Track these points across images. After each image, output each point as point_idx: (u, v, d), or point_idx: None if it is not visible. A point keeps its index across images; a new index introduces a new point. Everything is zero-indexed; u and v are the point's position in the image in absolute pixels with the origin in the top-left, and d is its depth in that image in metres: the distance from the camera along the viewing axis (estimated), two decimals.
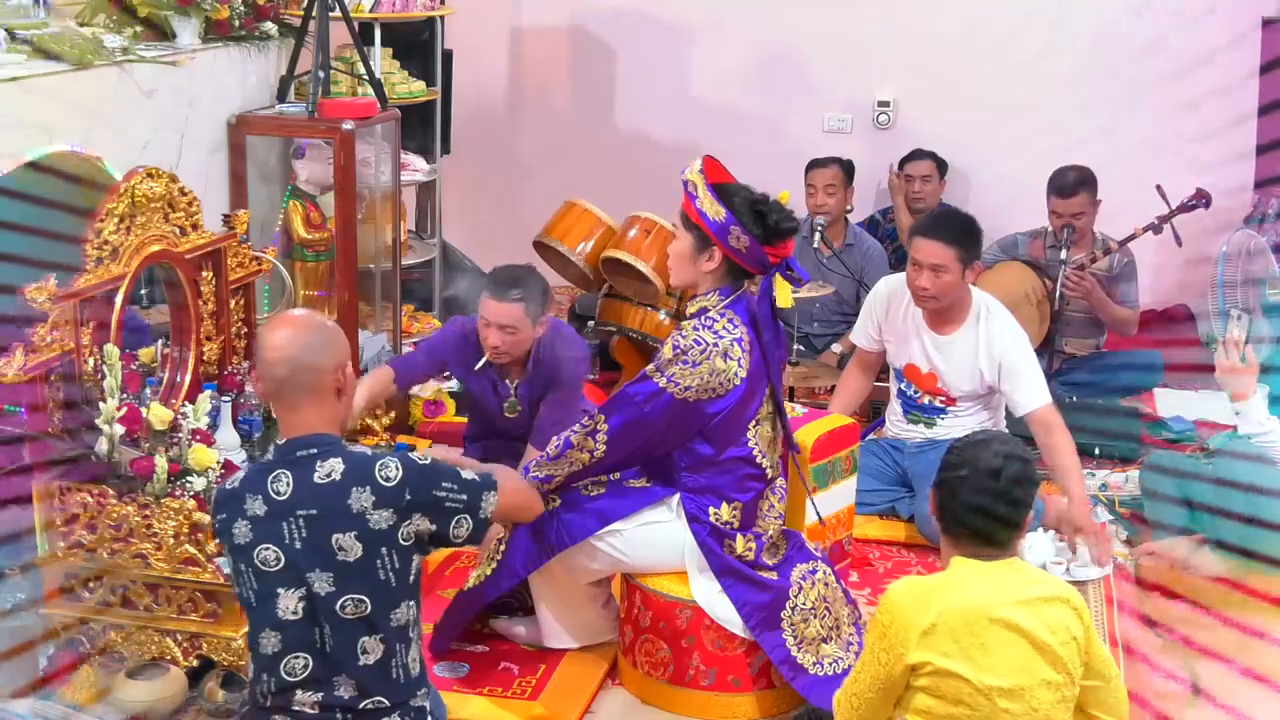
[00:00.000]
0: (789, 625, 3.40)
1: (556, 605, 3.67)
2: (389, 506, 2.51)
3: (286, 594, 2.53)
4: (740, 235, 3.28)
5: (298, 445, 2.55)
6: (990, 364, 4.33)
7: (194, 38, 4.48)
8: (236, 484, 2.60)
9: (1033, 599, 2.62)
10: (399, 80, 5.33)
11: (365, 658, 2.55)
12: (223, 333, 3.96)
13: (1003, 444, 2.72)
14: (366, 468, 2.52)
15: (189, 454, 3.35)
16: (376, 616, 2.54)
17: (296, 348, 2.55)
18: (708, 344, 3.29)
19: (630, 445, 3.37)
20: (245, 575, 2.57)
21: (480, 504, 2.66)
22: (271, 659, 2.56)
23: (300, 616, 2.53)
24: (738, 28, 6.63)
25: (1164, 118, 6.07)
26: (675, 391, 3.29)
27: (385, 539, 2.52)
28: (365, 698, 2.57)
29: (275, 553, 2.52)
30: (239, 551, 2.56)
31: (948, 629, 2.58)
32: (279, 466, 2.55)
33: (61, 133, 3.67)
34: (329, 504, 2.50)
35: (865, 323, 4.62)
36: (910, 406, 4.57)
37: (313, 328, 2.61)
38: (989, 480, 2.64)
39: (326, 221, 4.98)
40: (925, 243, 4.26)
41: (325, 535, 2.50)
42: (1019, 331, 4.39)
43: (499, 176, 6.94)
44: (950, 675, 2.58)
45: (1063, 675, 2.62)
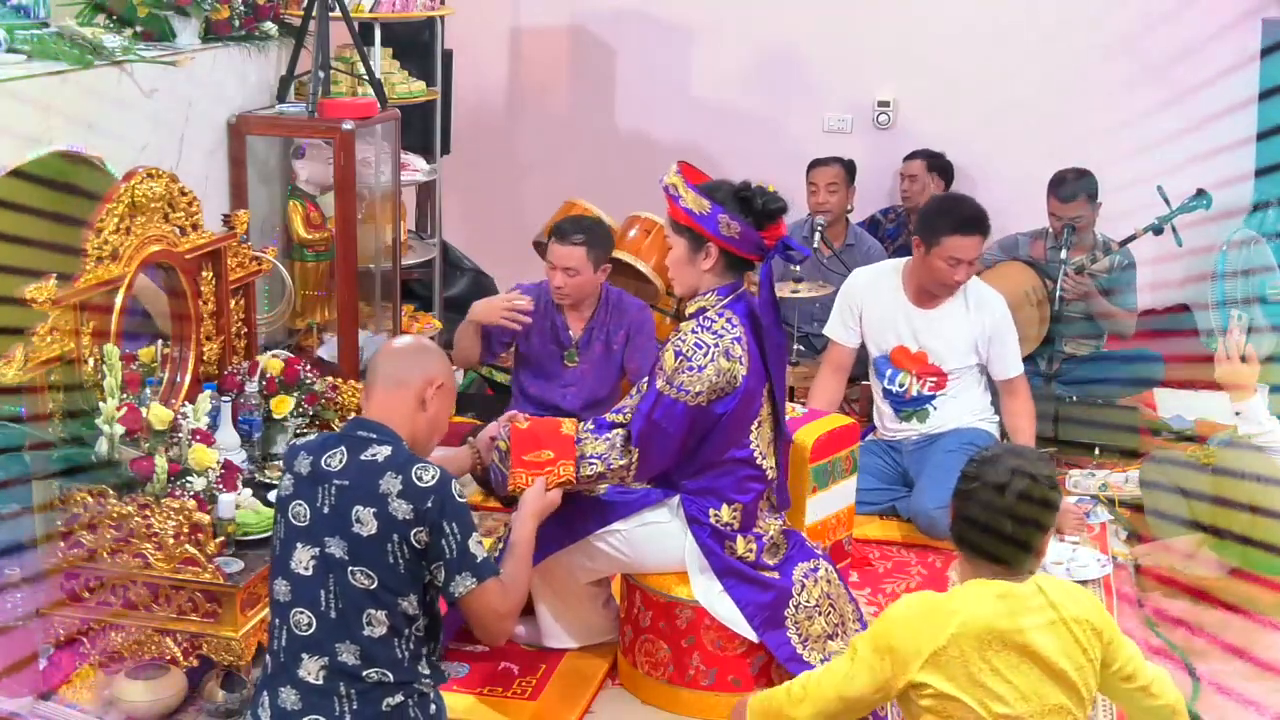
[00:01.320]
0: (793, 623, 3.40)
1: (556, 605, 3.67)
2: (410, 502, 2.65)
3: (303, 549, 2.70)
4: (730, 222, 3.28)
5: (362, 425, 2.78)
6: (983, 331, 4.49)
7: (194, 38, 4.47)
8: (300, 443, 2.85)
9: (1050, 622, 2.56)
10: (399, 80, 5.32)
11: (371, 629, 2.66)
12: (223, 333, 3.96)
13: (1016, 458, 2.64)
14: (409, 463, 2.70)
15: (189, 454, 3.35)
16: (383, 594, 2.65)
17: (406, 349, 2.89)
18: (708, 345, 3.29)
19: (662, 464, 3.36)
20: (279, 525, 2.78)
21: (459, 574, 2.70)
22: (283, 607, 2.72)
23: (311, 574, 2.68)
24: (738, 28, 6.62)
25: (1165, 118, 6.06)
26: (688, 400, 3.29)
27: (399, 528, 2.64)
28: (369, 667, 2.65)
29: (305, 510, 2.71)
30: (280, 501, 2.78)
31: (959, 653, 2.53)
32: (341, 442, 2.76)
33: (61, 133, 3.67)
34: (362, 478, 2.68)
35: (843, 316, 4.67)
36: (899, 404, 4.60)
37: (423, 346, 2.94)
38: (993, 495, 2.58)
39: (326, 221, 4.98)
40: (970, 241, 4.43)
41: (349, 505, 2.67)
42: (1000, 297, 4.61)
43: (499, 176, 6.94)
44: (954, 700, 2.54)
45: (1073, 700, 2.58)
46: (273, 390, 3.93)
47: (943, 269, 4.43)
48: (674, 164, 3.40)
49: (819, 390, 4.69)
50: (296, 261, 4.95)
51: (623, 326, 4.56)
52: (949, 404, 4.55)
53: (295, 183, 4.97)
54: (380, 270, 5.15)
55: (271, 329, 4.69)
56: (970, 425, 4.54)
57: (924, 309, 4.53)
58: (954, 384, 4.53)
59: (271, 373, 3.95)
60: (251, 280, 4.13)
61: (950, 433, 4.53)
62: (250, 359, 4.03)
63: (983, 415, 4.61)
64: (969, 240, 4.41)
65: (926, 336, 4.51)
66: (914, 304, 4.53)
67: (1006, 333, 4.52)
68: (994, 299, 4.57)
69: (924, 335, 4.51)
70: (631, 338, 4.55)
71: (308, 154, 4.93)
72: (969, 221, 4.46)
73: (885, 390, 4.63)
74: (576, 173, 6.60)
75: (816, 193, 5.76)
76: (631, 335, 4.55)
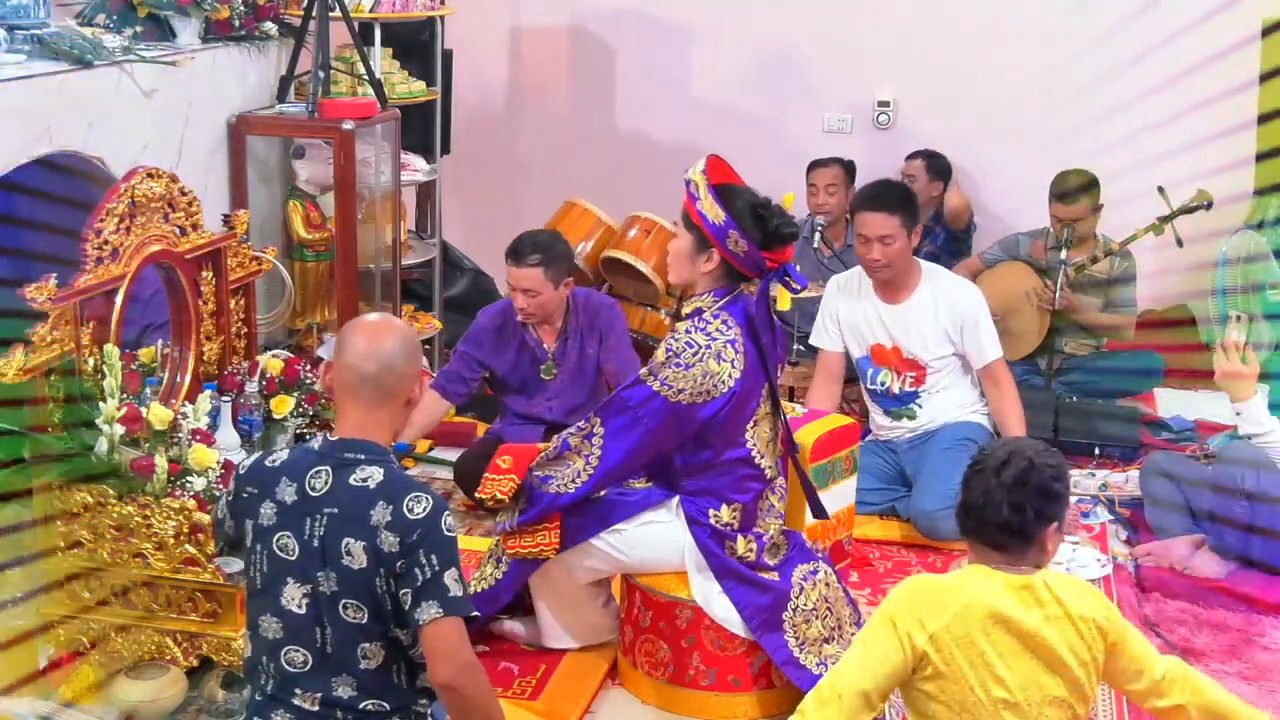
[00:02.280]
0: (790, 627, 3.40)
1: (556, 605, 3.67)
2: (397, 534, 2.48)
3: (293, 585, 2.53)
4: (739, 239, 3.28)
5: (347, 447, 2.56)
6: (953, 320, 4.49)
7: (194, 38, 4.48)
8: (276, 464, 2.60)
9: (1055, 617, 2.55)
10: (399, 80, 5.32)
11: (366, 662, 2.54)
12: (223, 333, 3.96)
13: (1019, 445, 2.62)
14: (400, 490, 2.51)
15: (189, 454, 3.35)
16: (374, 626, 2.52)
17: (389, 349, 2.57)
18: (700, 346, 3.28)
19: (627, 449, 3.36)
20: (258, 557, 2.57)
21: (425, 601, 2.46)
22: (273, 645, 2.56)
23: (303, 612, 2.53)
24: (738, 28, 6.62)
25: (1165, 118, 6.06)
26: (669, 395, 3.29)
27: (385, 561, 2.49)
28: (366, 698, 2.56)
29: (293, 542, 2.53)
30: (261, 532, 2.56)
31: (963, 632, 2.52)
32: (324, 462, 2.55)
33: (61, 133, 3.67)
34: (352, 507, 2.50)
35: (824, 321, 4.71)
36: (887, 404, 4.63)
37: (402, 333, 2.63)
38: (990, 479, 2.56)
39: (326, 221, 4.98)
40: (869, 216, 4.46)
41: (339, 536, 2.50)
42: (972, 286, 4.65)
43: (499, 176, 6.93)
44: (954, 681, 2.53)
45: (1075, 695, 2.57)
46: (273, 390, 3.93)
47: (859, 248, 4.51)
48: (704, 158, 3.36)
49: (815, 397, 4.70)
50: (296, 261, 4.96)
51: (595, 330, 4.51)
52: (934, 399, 4.56)
53: (295, 183, 4.98)
54: (380, 270, 5.16)
55: (271, 329, 4.69)
56: (962, 420, 4.55)
57: (891, 304, 4.55)
58: (935, 378, 4.54)
59: (271, 373, 3.95)
60: (251, 280, 4.13)
61: (943, 429, 4.54)
62: (250, 359, 4.03)
63: (973, 408, 4.61)
64: (871, 217, 4.43)
65: (898, 331, 4.53)
66: (882, 300, 4.57)
67: (978, 317, 4.51)
68: (960, 286, 4.60)
69: (896, 330, 4.54)
70: (604, 339, 4.50)
71: (308, 154, 4.93)
72: (869, 198, 4.52)
73: (870, 390, 4.66)
74: (576, 173, 6.59)
75: (816, 193, 5.77)
76: (604, 336, 4.51)
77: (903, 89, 6.55)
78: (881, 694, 2.57)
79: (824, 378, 4.73)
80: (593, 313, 4.50)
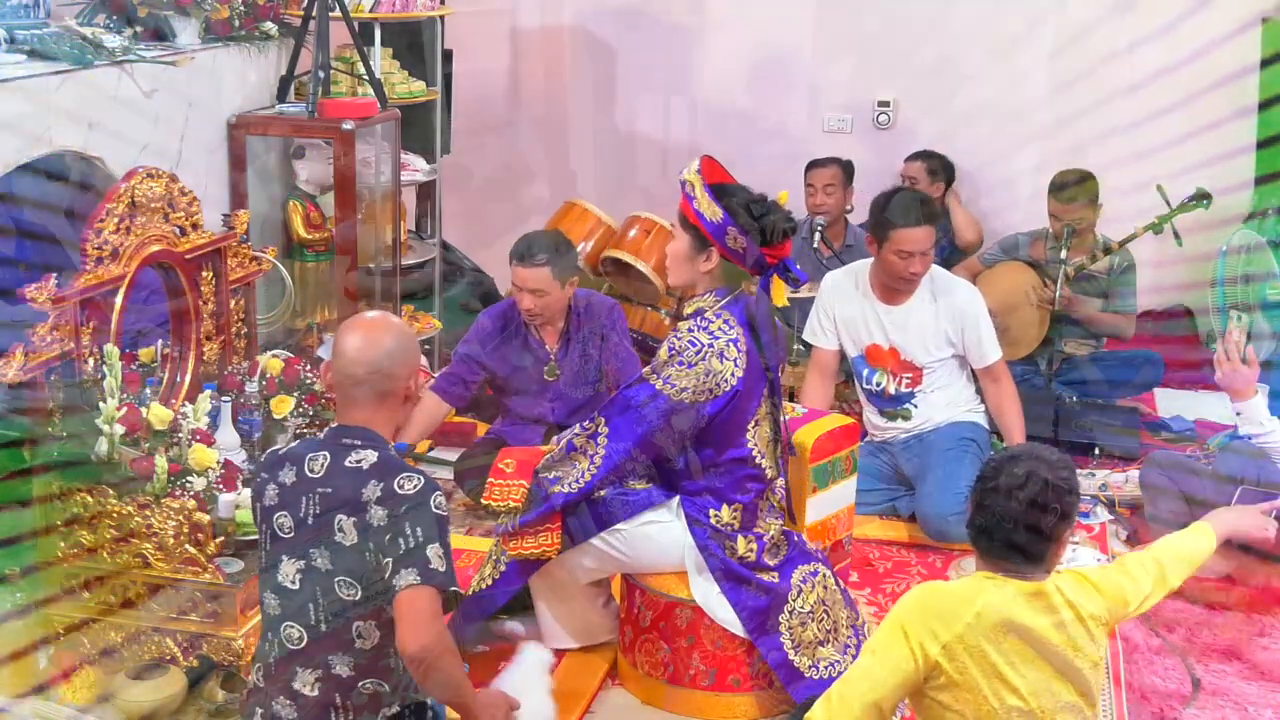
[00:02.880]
0: (786, 629, 3.40)
1: (556, 605, 3.67)
2: (386, 508, 2.56)
3: (289, 562, 2.63)
4: (737, 236, 3.28)
5: (345, 433, 2.66)
6: (953, 322, 4.49)
7: (194, 38, 4.48)
8: (282, 451, 2.74)
9: (1069, 621, 2.56)
10: (399, 80, 5.32)
11: (361, 641, 2.60)
12: (223, 333, 3.96)
13: (1033, 461, 2.59)
14: (392, 470, 2.59)
15: (189, 454, 3.35)
16: (368, 604, 2.58)
17: (377, 352, 2.65)
18: (703, 345, 3.29)
19: (630, 447, 3.36)
20: (264, 537, 2.70)
21: (405, 569, 2.49)
22: (274, 620, 2.66)
23: (298, 588, 2.62)
24: (738, 28, 6.62)
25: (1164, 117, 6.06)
26: (671, 394, 3.29)
27: (375, 536, 2.56)
28: (364, 678, 2.61)
29: (290, 521, 2.64)
30: (265, 513, 2.69)
31: (975, 641, 2.51)
32: (323, 448, 2.66)
33: (61, 133, 3.67)
34: (345, 486, 2.59)
35: (819, 318, 4.70)
36: (882, 404, 4.63)
37: (394, 333, 2.69)
38: (1004, 500, 2.55)
39: (326, 221, 4.98)
40: (915, 232, 4.43)
41: (332, 513, 2.58)
42: (972, 286, 4.65)
43: (499, 176, 6.93)
44: (968, 691, 2.52)
45: (1085, 700, 2.57)
46: (273, 390, 3.93)
47: (896, 263, 4.46)
48: (698, 159, 3.37)
49: (808, 394, 4.69)
50: (296, 261, 4.96)
51: (597, 330, 4.49)
52: (930, 399, 4.56)
53: (295, 183, 4.98)
54: (380, 270, 5.15)
55: (271, 329, 4.69)
56: (958, 419, 4.55)
57: (890, 305, 4.55)
58: (930, 378, 4.54)
59: (271, 373, 3.94)
60: (251, 280, 4.13)
61: (941, 429, 4.54)
62: (250, 359, 4.03)
63: (969, 407, 4.61)
64: (916, 232, 4.42)
65: (896, 332, 4.53)
66: (881, 301, 4.56)
67: (978, 318, 4.52)
68: (959, 287, 4.59)
69: (893, 331, 4.53)
70: (606, 338, 4.49)
71: (308, 154, 4.93)
72: (914, 213, 4.48)
73: (866, 391, 4.66)
74: (576, 173, 6.60)
75: (814, 193, 5.77)
76: (606, 337, 4.50)
77: (903, 89, 6.55)
78: (893, 705, 2.57)
79: (817, 375, 4.72)
80: (594, 314, 4.49)
